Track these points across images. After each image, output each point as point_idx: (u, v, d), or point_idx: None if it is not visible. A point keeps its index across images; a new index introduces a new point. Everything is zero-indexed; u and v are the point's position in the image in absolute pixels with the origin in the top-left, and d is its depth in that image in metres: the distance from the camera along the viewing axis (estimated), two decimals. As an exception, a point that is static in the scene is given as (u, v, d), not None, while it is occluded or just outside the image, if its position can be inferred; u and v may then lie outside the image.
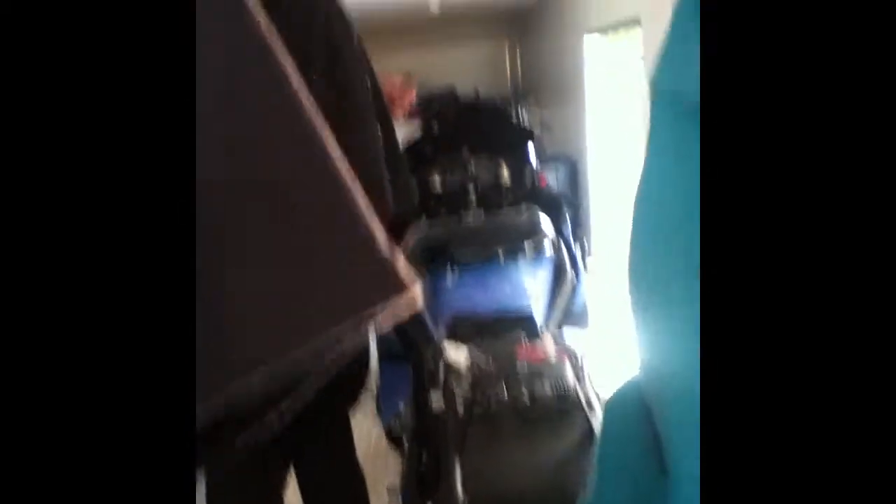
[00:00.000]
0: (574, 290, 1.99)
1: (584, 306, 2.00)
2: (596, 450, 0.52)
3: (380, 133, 1.66)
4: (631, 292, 0.44)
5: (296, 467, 1.93)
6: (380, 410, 2.27)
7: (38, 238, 0.39)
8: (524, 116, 3.70)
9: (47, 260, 0.39)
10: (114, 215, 0.40)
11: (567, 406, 1.23)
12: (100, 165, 0.40)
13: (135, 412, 0.39)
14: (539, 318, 1.79)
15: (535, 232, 1.90)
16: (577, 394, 1.23)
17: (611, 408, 0.52)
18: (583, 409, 1.21)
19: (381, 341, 2.08)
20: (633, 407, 0.49)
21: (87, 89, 0.40)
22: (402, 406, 2.01)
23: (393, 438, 2.24)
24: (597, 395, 1.31)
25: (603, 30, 3.60)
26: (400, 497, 2.08)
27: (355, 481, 2.02)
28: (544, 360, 1.31)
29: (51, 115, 0.39)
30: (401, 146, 1.96)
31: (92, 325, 0.39)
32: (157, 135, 0.42)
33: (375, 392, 2.68)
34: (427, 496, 1.40)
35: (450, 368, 1.40)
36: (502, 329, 1.67)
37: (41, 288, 0.38)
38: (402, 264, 0.46)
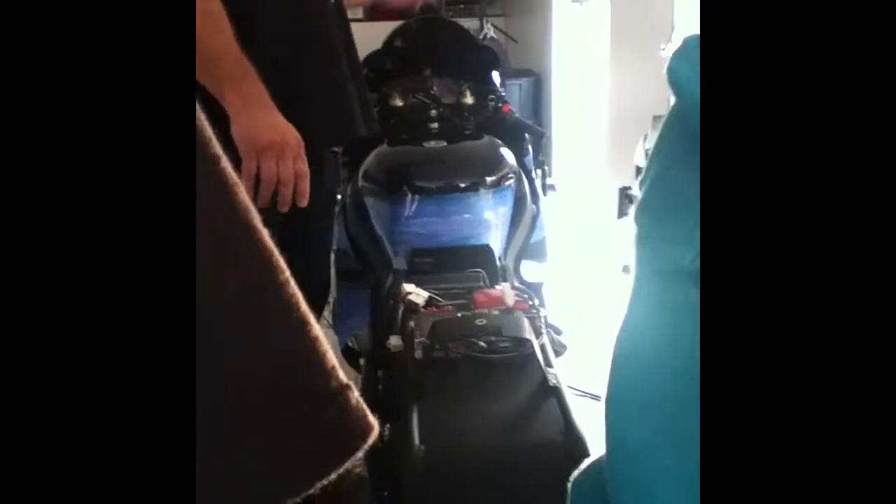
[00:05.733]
0: (533, 221, 2.01)
1: (543, 239, 2.03)
2: None
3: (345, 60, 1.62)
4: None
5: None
6: (336, 328, 2.29)
7: None
8: (488, 28, 3.60)
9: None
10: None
11: (522, 357, 1.27)
12: None
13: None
14: (498, 250, 1.81)
15: (496, 164, 1.90)
16: (532, 346, 1.27)
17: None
18: (538, 361, 1.25)
19: (340, 261, 2.08)
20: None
21: None
22: (357, 325, 2.04)
23: (349, 357, 2.27)
24: (553, 347, 1.35)
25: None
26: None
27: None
28: (502, 309, 1.34)
29: None
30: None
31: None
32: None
33: (332, 309, 2.70)
34: (383, 420, 1.43)
35: (409, 308, 1.42)
36: (461, 263, 1.69)
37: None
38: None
